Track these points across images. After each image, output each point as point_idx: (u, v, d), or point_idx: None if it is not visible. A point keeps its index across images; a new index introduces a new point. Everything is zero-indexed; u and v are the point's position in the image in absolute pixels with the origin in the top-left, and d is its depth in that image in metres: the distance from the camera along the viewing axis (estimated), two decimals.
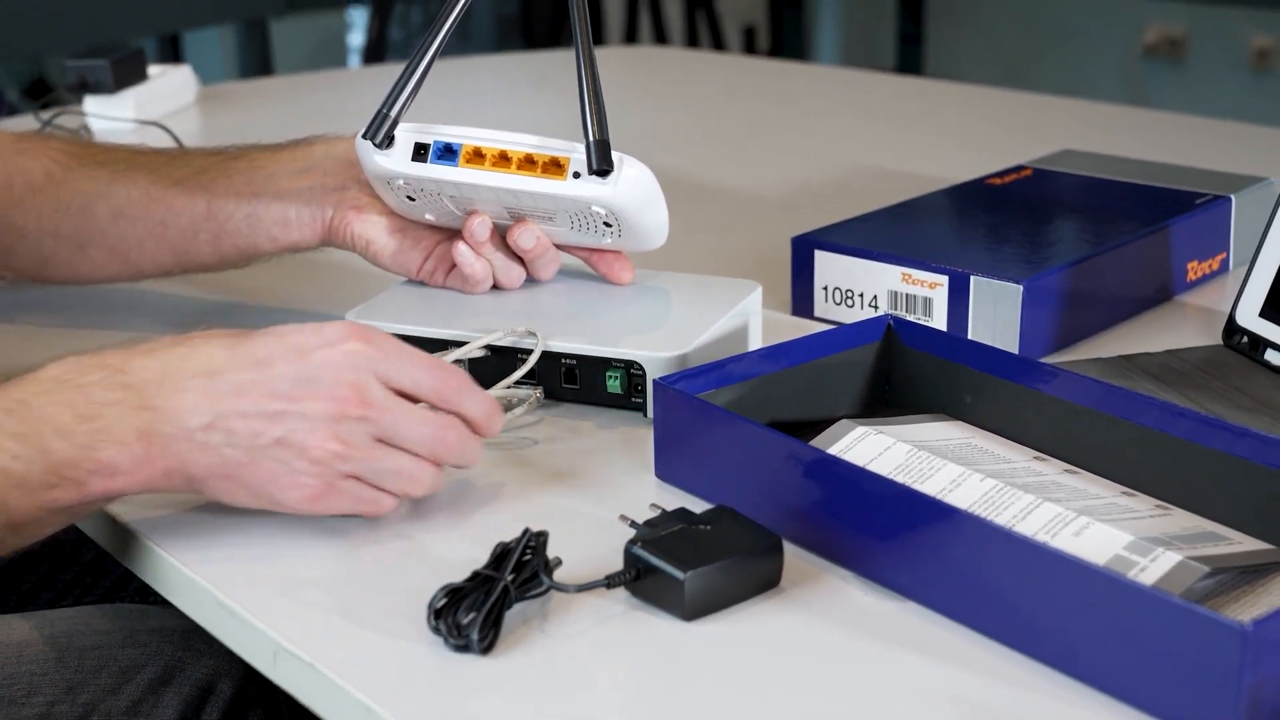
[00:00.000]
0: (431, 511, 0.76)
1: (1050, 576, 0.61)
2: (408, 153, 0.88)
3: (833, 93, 1.81)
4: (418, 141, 0.88)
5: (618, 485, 0.79)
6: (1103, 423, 0.76)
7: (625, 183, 0.86)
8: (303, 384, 0.70)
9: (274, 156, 0.96)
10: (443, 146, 0.87)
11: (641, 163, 0.87)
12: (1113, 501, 0.73)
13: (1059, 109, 1.68)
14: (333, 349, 0.70)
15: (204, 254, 0.97)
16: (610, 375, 0.85)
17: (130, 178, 0.97)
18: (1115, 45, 3.70)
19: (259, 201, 0.94)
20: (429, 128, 0.88)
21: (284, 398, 0.69)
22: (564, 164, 0.86)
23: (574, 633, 0.66)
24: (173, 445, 0.69)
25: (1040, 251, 0.98)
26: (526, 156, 0.86)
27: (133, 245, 0.97)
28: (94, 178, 0.97)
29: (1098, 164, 1.17)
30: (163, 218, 0.96)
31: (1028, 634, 0.63)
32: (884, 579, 0.68)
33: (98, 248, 0.97)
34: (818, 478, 0.70)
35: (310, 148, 0.96)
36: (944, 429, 0.81)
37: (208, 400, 0.69)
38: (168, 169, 0.97)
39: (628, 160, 0.86)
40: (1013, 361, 0.80)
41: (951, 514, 0.65)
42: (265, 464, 0.70)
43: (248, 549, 0.73)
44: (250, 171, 0.96)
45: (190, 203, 0.95)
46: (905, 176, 1.33)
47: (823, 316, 1.00)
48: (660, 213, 0.89)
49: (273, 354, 0.70)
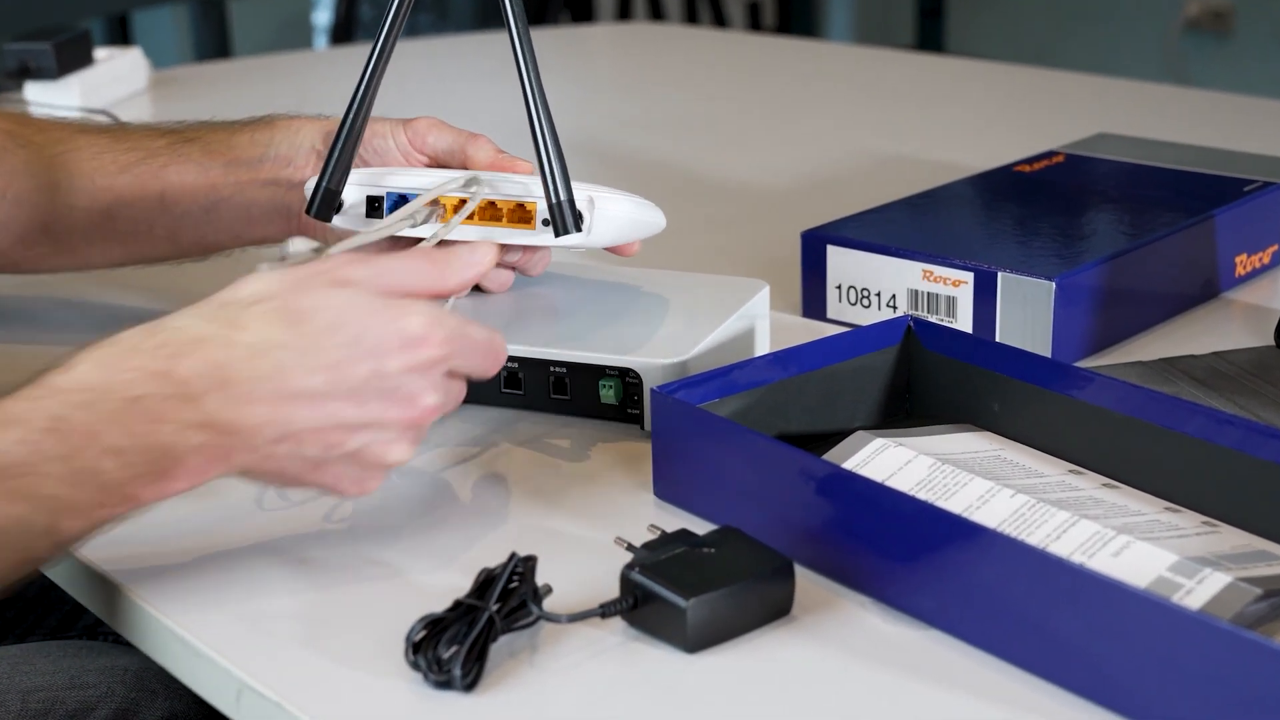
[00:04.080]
0: (409, 535, 0.76)
1: (1087, 601, 0.61)
2: (361, 209, 0.88)
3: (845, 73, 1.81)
4: (369, 195, 0.88)
5: (613, 505, 0.79)
6: (1144, 432, 0.76)
7: (600, 226, 0.86)
8: (384, 395, 0.69)
9: (229, 141, 0.96)
10: (396, 198, 0.88)
11: (614, 192, 0.87)
12: (1155, 518, 0.73)
13: (1093, 88, 1.69)
14: (412, 355, 0.69)
15: (159, 248, 0.97)
16: (604, 384, 0.85)
17: (72, 163, 0.96)
18: (1154, 18, 3.70)
19: (217, 193, 0.94)
20: (377, 175, 0.89)
21: (362, 406, 0.69)
22: (531, 211, 0.86)
23: (566, 667, 0.66)
24: (236, 456, 0.68)
25: (1074, 245, 0.98)
26: (490, 205, 0.86)
27: (78, 238, 0.97)
28: (30, 163, 0.96)
29: (1136, 148, 1.17)
30: (111, 208, 0.95)
31: (1063, 663, 0.63)
32: (905, 605, 0.68)
33: (39, 240, 0.97)
34: (832, 495, 0.70)
35: (270, 130, 0.95)
36: (970, 440, 0.81)
37: (279, 412, 0.68)
38: (112, 152, 0.96)
39: (598, 198, 0.86)
40: (1045, 366, 0.81)
41: (979, 533, 0.65)
42: (335, 468, 0.70)
43: (208, 578, 0.73)
44: (205, 159, 0.95)
45: (142, 192, 0.95)
46: (925, 164, 1.33)
47: (836, 318, 1.00)
48: (648, 225, 0.90)
49: (349, 355, 0.68)
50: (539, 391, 0.87)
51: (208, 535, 0.76)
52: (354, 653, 0.67)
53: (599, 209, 0.86)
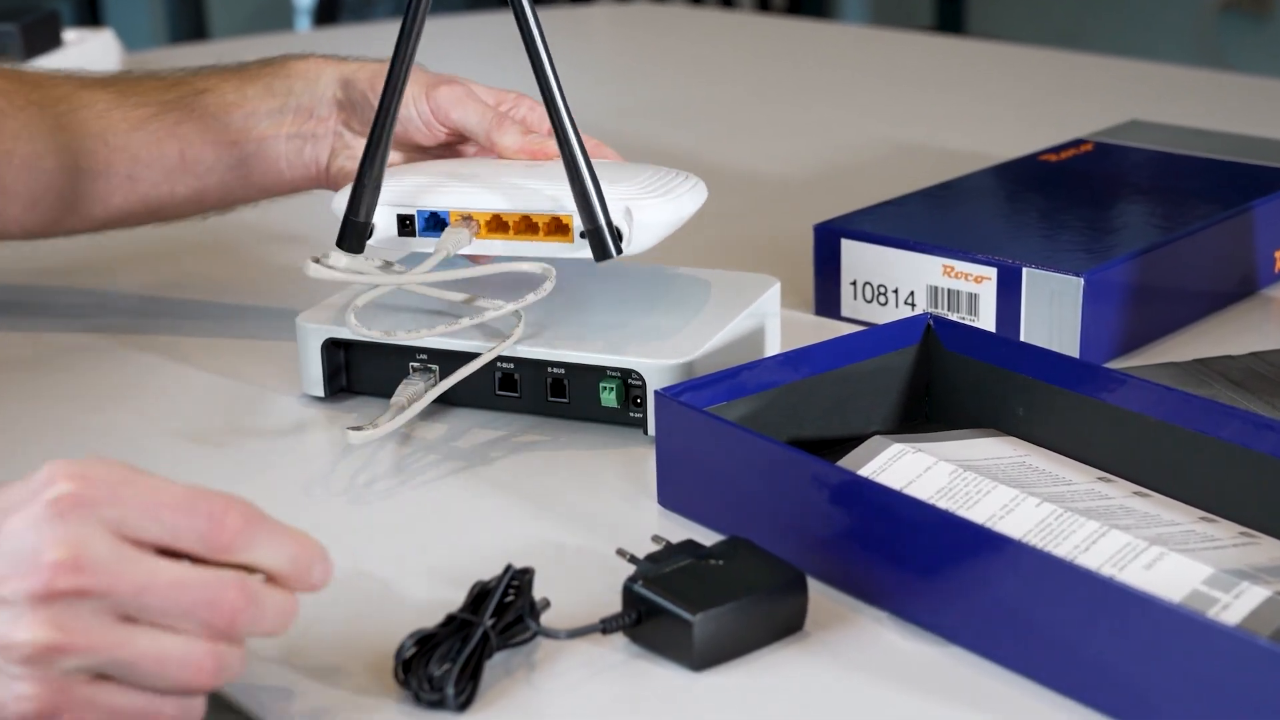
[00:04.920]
0: (398, 546, 0.76)
1: (1118, 616, 0.61)
2: (392, 228, 0.88)
3: (861, 56, 1.82)
4: (400, 214, 0.88)
5: (614, 514, 0.79)
6: (1177, 437, 0.76)
7: (640, 236, 0.85)
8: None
9: (244, 92, 0.96)
10: (428, 216, 0.88)
11: (649, 182, 0.87)
12: (1190, 529, 0.73)
13: (1123, 73, 1.69)
14: (31, 503, 0.58)
15: (182, 208, 0.98)
16: (604, 386, 0.85)
17: (79, 123, 0.95)
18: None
19: (241, 150, 0.95)
20: (409, 192, 0.88)
21: None
22: (568, 224, 0.86)
23: (565, 686, 0.66)
24: None
25: (1103, 239, 0.98)
26: (524, 219, 0.86)
27: (95, 202, 0.96)
28: (32, 125, 0.95)
29: (1169, 136, 1.17)
30: (129, 171, 0.96)
31: (1091, 682, 0.63)
32: (924, 620, 0.68)
33: (49, 204, 0.96)
34: (847, 504, 0.70)
35: (288, 78, 0.95)
36: (993, 446, 0.81)
37: None
38: (120, 108, 0.96)
39: (635, 207, 0.85)
40: (1072, 367, 0.80)
41: (1003, 544, 0.65)
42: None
43: None
44: (223, 113, 0.95)
45: (159, 152, 0.95)
46: (946, 153, 1.33)
47: (851, 316, 1.01)
48: (689, 211, 0.89)
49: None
50: (535, 394, 0.87)
51: None
52: (340, 671, 0.67)
53: (637, 219, 0.85)
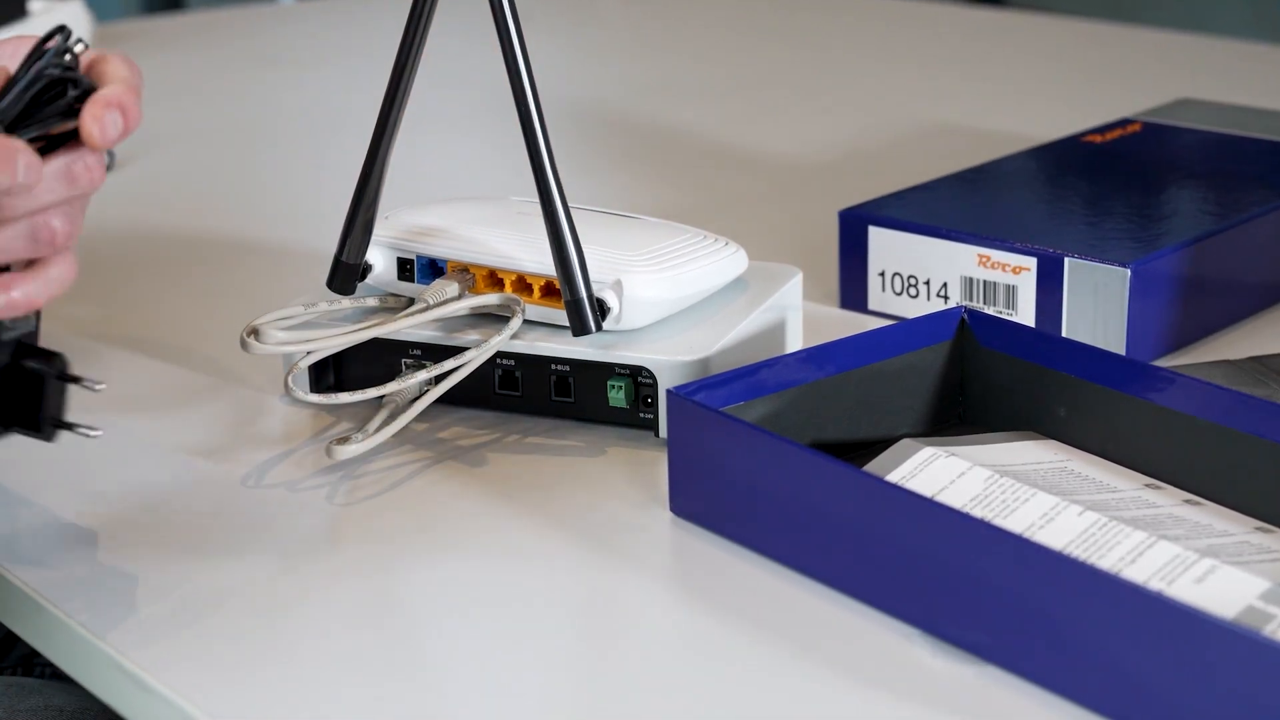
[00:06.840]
0: (390, 556, 0.77)
1: (1166, 633, 0.61)
2: (392, 270, 0.89)
3: (890, 30, 1.81)
4: (400, 258, 0.89)
5: (622, 522, 0.79)
6: (1231, 441, 0.76)
7: (632, 312, 0.85)
8: None
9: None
10: (426, 263, 0.89)
11: (654, 267, 0.86)
12: (1244, 539, 0.73)
13: (1174, 47, 1.68)
14: None
15: None
16: (613, 385, 0.85)
17: None
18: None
19: None
20: (406, 236, 0.89)
21: None
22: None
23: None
24: None
25: (1152, 227, 0.98)
26: (520, 279, 0.87)
27: None
28: None
29: (1223, 116, 1.17)
30: None
31: (1138, 704, 0.63)
32: (957, 637, 0.69)
33: None
34: (874, 512, 0.70)
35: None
36: (1032, 450, 0.81)
37: None
38: None
39: (626, 280, 0.84)
40: (1118, 365, 0.81)
41: (1042, 556, 0.65)
42: None
43: (159, 604, 0.73)
44: None
45: None
46: (981, 134, 1.33)
47: (879, 309, 1.01)
48: (707, 287, 0.89)
49: None
50: (539, 393, 0.87)
51: (155, 554, 0.76)
52: (331, 691, 0.67)
53: (628, 294, 0.85)
